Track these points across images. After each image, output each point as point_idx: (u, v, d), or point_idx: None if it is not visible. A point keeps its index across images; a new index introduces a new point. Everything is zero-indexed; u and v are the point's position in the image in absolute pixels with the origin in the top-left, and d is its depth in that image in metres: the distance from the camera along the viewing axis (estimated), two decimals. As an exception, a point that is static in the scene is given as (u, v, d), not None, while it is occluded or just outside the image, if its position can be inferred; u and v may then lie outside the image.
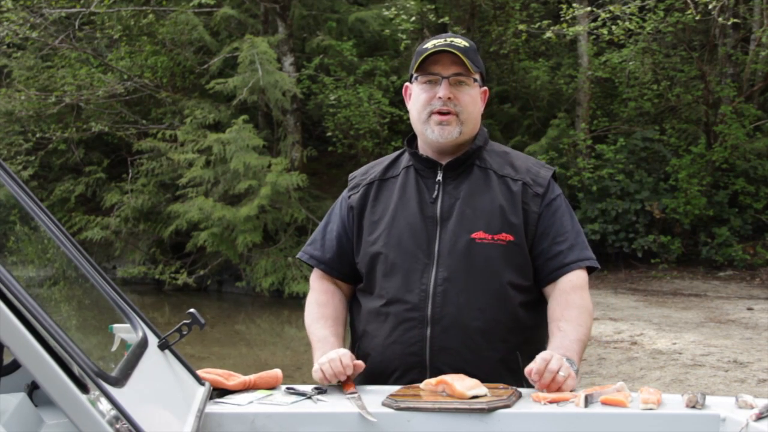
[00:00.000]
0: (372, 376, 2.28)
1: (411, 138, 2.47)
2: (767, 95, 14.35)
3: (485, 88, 2.41)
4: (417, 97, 2.34)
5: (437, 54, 2.29)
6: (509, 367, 2.27)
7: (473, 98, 2.33)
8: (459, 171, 2.35)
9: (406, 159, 2.44)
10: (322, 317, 2.40)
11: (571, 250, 2.31)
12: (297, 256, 2.60)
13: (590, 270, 2.36)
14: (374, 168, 2.49)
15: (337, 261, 2.44)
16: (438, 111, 2.29)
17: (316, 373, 2.18)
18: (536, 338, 2.35)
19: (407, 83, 2.43)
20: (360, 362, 2.22)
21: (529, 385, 2.15)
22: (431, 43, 2.32)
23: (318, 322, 2.40)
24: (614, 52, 13.90)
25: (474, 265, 2.26)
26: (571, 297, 2.27)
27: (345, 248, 2.44)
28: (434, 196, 2.33)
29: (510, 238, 2.27)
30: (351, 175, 2.53)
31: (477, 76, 2.34)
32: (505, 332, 2.27)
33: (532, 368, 2.07)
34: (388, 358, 2.28)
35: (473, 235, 2.27)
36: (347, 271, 2.45)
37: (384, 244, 2.34)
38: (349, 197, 2.46)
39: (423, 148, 2.40)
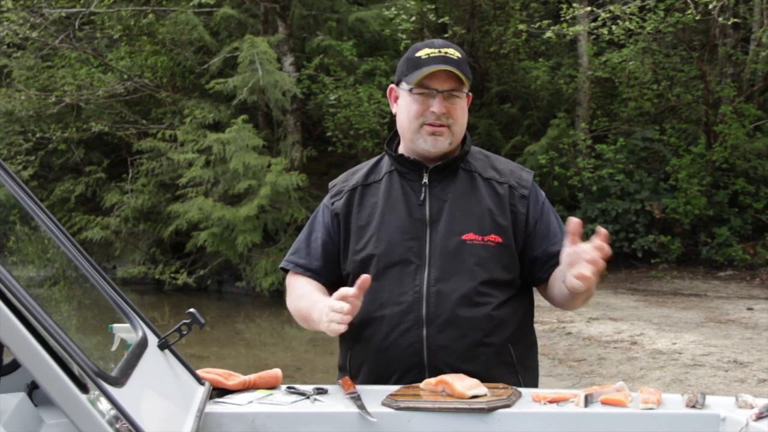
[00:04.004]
0: (371, 380, 2.29)
1: (389, 140, 2.47)
2: (767, 95, 14.36)
3: (470, 94, 2.42)
4: (408, 106, 2.34)
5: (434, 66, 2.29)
6: (504, 360, 2.31)
7: (464, 110, 2.35)
8: (444, 174, 2.37)
9: (387, 163, 2.44)
10: (305, 293, 2.38)
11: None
12: (281, 266, 2.55)
13: None
14: (355, 174, 2.49)
15: (324, 269, 2.44)
16: (431, 123, 2.31)
17: (329, 325, 2.12)
18: (522, 330, 2.40)
19: (393, 85, 2.42)
20: (364, 277, 2.13)
21: (524, 379, 2.24)
22: (425, 53, 2.31)
23: (304, 296, 2.38)
24: (614, 52, 13.91)
25: (465, 265, 2.29)
26: None
27: (332, 256, 2.43)
28: (422, 198, 2.35)
29: (499, 239, 2.31)
30: (331, 183, 2.52)
31: (467, 88, 2.35)
32: (497, 327, 2.30)
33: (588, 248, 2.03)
34: (386, 361, 2.28)
35: (464, 237, 2.30)
36: (333, 278, 2.44)
37: (374, 247, 2.34)
38: (332, 204, 2.45)
39: (408, 152, 2.41)
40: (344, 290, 2.15)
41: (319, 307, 2.24)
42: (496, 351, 2.30)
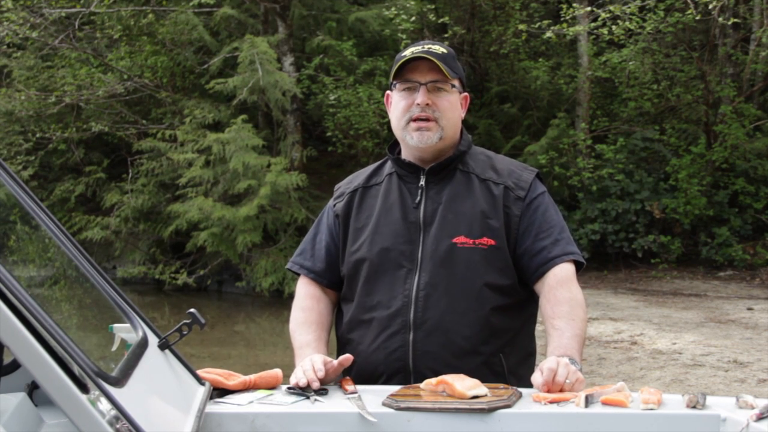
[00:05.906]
0: (359, 382, 2.26)
1: (392, 145, 2.48)
2: (767, 95, 14.36)
3: (466, 93, 2.41)
4: (396, 104, 2.35)
5: (415, 61, 2.29)
6: (493, 370, 2.27)
7: (452, 104, 2.33)
8: (442, 176, 2.36)
9: (389, 166, 2.46)
10: (305, 322, 2.41)
11: (555, 244, 2.30)
12: (287, 267, 2.60)
13: (578, 266, 2.34)
14: (358, 177, 2.51)
15: (327, 271, 2.46)
16: (417, 117, 2.30)
17: (292, 380, 2.17)
18: (519, 340, 2.36)
19: (388, 92, 2.43)
20: (345, 356, 2.21)
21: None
22: (409, 51, 2.33)
23: (301, 327, 2.41)
24: (614, 52, 13.91)
25: (455, 270, 2.26)
26: (559, 292, 2.25)
27: (334, 257, 2.46)
28: (417, 201, 2.34)
29: (491, 242, 2.28)
30: (336, 186, 2.55)
31: (455, 82, 2.34)
32: (488, 335, 2.27)
33: (539, 382, 2.04)
34: (372, 365, 2.28)
35: (454, 240, 2.28)
36: (337, 280, 2.46)
37: (368, 250, 2.34)
38: (335, 206, 2.48)
39: (406, 155, 2.41)
40: (321, 363, 2.15)
41: (304, 353, 2.29)
42: (485, 360, 2.26)
